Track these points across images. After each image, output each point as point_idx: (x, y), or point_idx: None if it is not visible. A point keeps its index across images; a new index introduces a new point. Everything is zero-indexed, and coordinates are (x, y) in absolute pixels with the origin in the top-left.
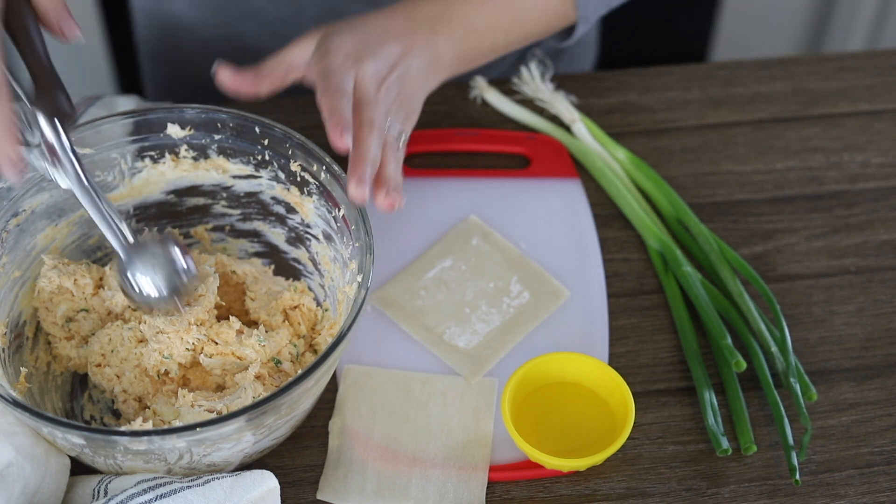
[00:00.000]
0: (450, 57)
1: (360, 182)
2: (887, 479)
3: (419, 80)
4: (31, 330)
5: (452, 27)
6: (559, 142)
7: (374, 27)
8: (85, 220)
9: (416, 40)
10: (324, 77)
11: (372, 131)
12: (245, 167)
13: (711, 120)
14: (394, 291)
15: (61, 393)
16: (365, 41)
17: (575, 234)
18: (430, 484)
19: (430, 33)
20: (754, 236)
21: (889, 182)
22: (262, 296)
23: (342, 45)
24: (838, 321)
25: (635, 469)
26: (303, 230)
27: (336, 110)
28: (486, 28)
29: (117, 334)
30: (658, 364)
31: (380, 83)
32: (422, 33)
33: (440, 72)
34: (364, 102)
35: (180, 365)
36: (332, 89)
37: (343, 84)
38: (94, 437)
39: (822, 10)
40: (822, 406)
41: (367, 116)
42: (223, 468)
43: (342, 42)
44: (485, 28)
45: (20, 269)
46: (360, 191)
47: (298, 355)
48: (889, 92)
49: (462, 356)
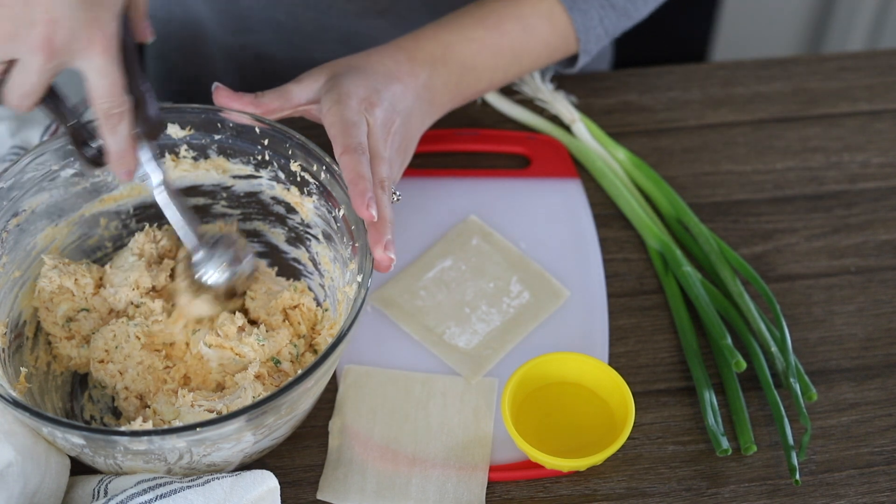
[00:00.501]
0: (447, 98)
1: (388, 248)
2: (887, 479)
3: (417, 124)
4: (32, 330)
5: (451, 69)
6: (559, 142)
7: (378, 68)
8: (85, 219)
9: (417, 82)
10: (342, 127)
11: (385, 192)
12: (245, 167)
13: (711, 120)
14: (394, 291)
15: (61, 393)
16: (373, 85)
17: (575, 234)
18: (430, 484)
19: (431, 74)
20: (754, 236)
21: (889, 182)
22: (262, 295)
23: (354, 90)
24: (838, 321)
25: (635, 469)
26: (303, 230)
27: (361, 175)
28: (484, 67)
29: (121, 331)
30: (658, 364)
31: (387, 134)
32: (422, 75)
33: (435, 113)
34: (375, 157)
35: (172, 352)
36: (352, 147)
37: (362, 138)
38: (94, 437)
39: (822, 10)
40: (822, 406)
41: (380, 176)
42: (223, 468)
43: (354, 87)
44: (483, 67)
45: (20, 268)
46: (387, 256)
47: (298, 355)
48: (889, 92)
49: (462, 356)
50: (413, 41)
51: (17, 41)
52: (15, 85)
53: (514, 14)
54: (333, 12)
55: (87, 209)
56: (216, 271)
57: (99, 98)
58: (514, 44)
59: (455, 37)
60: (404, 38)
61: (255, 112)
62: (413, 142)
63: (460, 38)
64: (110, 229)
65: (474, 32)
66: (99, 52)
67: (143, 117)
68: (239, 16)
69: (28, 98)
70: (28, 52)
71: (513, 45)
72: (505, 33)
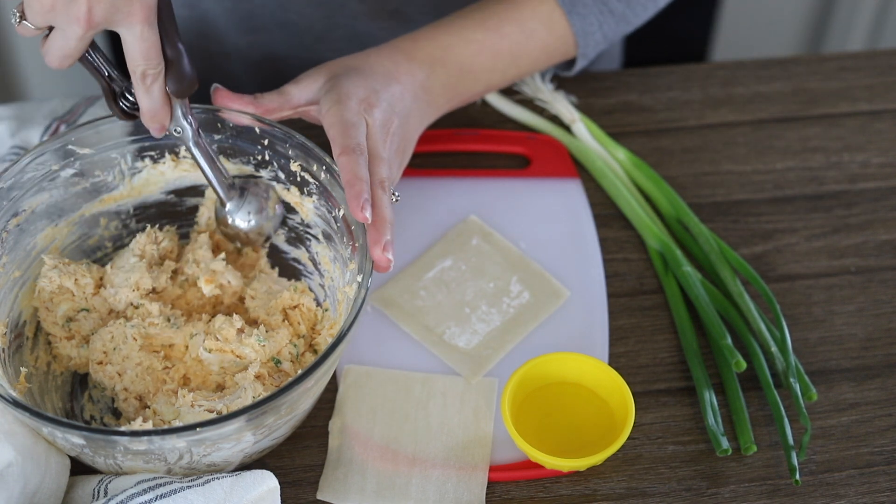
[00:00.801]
0: (445, 99)
1: (386, 248)
2: (887, 479)
3: (416, 125)
4: (32, 330)
5: (449, 70)
6: (559, 142)
7: (377, 68)
8: (85, 219)
9: (416, 83)
10: (342, 128)
11: (385, 192)
12: (245, 167)
13: (711, 120)
14: (394, 291)
15: (61, 393)
16: (372, 86)
17: (575, 234)
18: (430, 484)
19: (429, 74)
20: (754, 236)
21: (889, 182)
22: (262, 295)
23: (353, 91)
24: (838, 321)
25: (635, 469)
26: (303, 230)
27: (358, 177)
28: (482, 69)
29: (120, 332)
30: (658, 364)
31: (386, 134)
32: (420, 76)
33: (433, 114)
34: (375, 158)
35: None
36: (351, 147)
37: (360, 139)
38: (94, 437)
39: (822, 10)
40: (822, 406)
41: (379, 177)
42: (223, 468)
43: (353, 87)
44: (481, 69)
45: (20, 269)
46: (385, 257)
47: (298, 355)
48: (889, 92)
49: (462, 356)
50: (411, 42)
51: (57, 12)
52: (55, 48)
53: (514, 17)
54: (345, 12)
55: (87, 209)
56: (248, 215)
57: (135, 60)
58: (513, 47)
59: (454, 38)
60: (402, 38)
61: (255, 112)
62: (411, 143)
63: (459, 40)
64: (110, 229)
65: (473, 34)
66: (138, 20)
67: (178, 76)
68: (250, 14)
69: (67, 59)
70: (67, 23)
71: (511, 47)
72: (504, 36)
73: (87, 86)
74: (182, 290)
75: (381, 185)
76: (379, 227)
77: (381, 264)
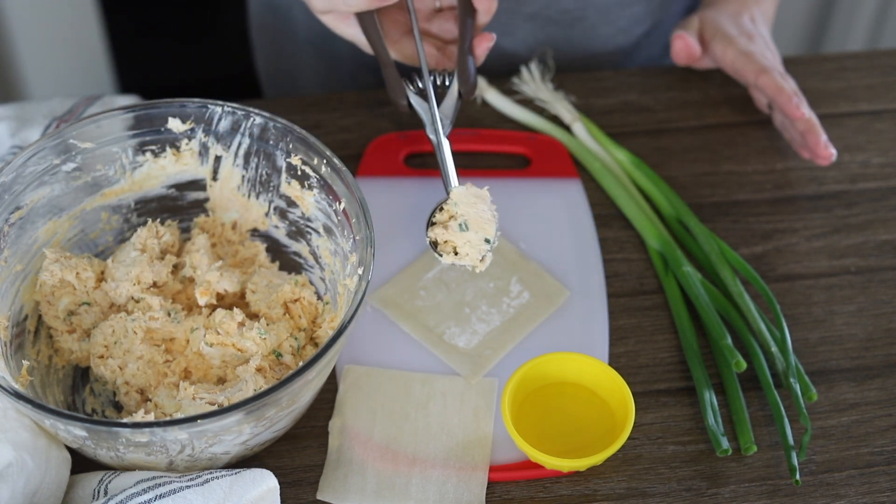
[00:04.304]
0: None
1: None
2: (887, 479)
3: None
4: (33, 323)
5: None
6: (559, 142)
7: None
8: (86, 213)
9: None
10: (746, 59)
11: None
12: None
13: (711, 120)
14: (393, 291)
15: (63, 386)
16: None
17: (575, 234)
18: (430, 484)
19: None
20: (754, 236)
21: (889, 182)
22: (263, 288)
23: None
24: (838, 321)
25: (635, 469)
26: (303, 224)
27: (780, 87)
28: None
29: (120, 326)
30: (658, 364)
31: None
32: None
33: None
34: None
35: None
36: (764, 68)
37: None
38: (96, 429)
39: (822, 10)
40: (822, 406)
41: (792, 85)
42: (225, 460)
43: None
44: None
45: (22, 262)
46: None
47: (299, 348)
48: (889, 92)
49: (462, 356)
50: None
51: None
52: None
53: None
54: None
55: (89, 203)
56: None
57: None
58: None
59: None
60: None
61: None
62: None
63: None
64: (111, 223)
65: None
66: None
67: (465, 78)
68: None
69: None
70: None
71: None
72: None
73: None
74: (183, 285)
75: (794, 92)
76: (816, 126)
77: (828, 159)
